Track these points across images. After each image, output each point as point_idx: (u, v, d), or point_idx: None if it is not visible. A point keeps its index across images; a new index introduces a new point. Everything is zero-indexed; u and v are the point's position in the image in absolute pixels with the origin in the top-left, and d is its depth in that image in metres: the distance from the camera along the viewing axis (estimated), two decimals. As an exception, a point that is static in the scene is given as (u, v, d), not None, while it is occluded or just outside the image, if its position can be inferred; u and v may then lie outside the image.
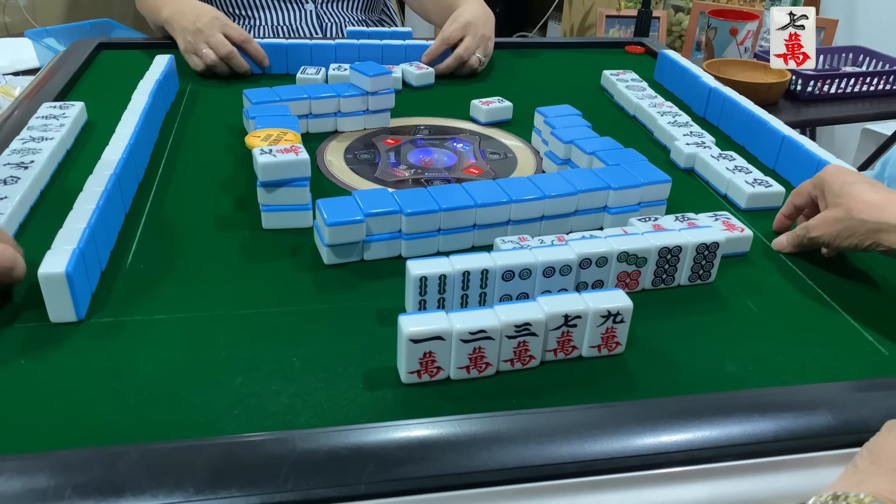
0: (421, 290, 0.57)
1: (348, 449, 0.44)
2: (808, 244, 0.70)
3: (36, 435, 0.47)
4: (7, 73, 1.53)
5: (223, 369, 0.53)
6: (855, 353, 0.59)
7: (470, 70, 1.16)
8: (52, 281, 0.55)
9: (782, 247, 0.72)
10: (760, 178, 0.82)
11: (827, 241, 0.66)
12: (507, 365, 0.54)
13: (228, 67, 1.10)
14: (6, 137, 0.82)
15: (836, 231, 0.64)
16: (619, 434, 0.46)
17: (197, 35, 1.09)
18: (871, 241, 0.62)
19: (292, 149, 0.71)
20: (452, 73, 1.16)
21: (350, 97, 0.93)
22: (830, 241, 0.65)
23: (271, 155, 0.69)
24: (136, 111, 0.85)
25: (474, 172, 0.86)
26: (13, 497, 0.40)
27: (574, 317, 0.54)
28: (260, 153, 0.70)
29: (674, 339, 0.60)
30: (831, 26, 1.72)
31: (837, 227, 0.64)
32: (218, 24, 1.09)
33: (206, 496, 0.41)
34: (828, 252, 0.71)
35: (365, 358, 0.55)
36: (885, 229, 0.60)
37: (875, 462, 0.42)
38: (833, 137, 2.37)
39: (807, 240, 0.69)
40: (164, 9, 1.17)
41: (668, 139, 0.94)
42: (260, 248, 0.70)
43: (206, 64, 1.09)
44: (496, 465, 0.44)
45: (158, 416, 0.49)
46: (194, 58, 1.10)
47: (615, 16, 1.92)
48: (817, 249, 0.71)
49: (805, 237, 0.69)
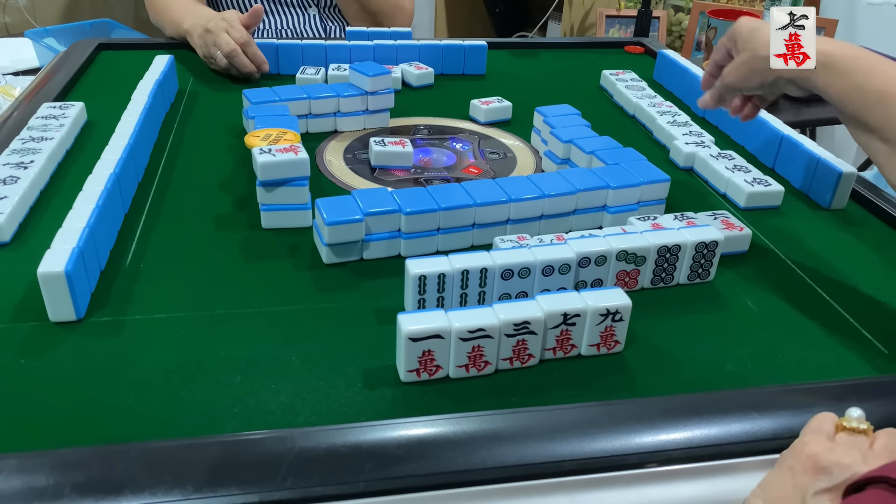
0: (420, 289, 0.57)
1: (347, 447, 0.44)
2: (724, 92, 0.72)
3: (35, 434, 0.47)
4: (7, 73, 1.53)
5: (222, 368, 0.53)
6: (854, 353, 0.59)
7: None
8: (51, 280, 0.55)
9: (706, 104, 0.75)
10: (759, 178, 0.82)
11: (738, 85, 0.69)
12: (507, 363, 0.54)
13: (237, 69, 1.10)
14: (6, 137, 0.83)
15: (743, 73, 0.68)
16: (618, 432, 0.46)
17: (206, 36, 1.10)
18: (773, 76, 0.65)
19: (292, 148, 0.71)
20: None
21: (350, 97, 0.93)
22: (741, 83, 0.69)
23: (271, 154, 0.69)
24: (135, 111, 0.85)
25: (474, 172, 0.86)
26: (13, 495, 0.40)
27: (573, 315, 0.54)
28: (259, 153, 0.70)
29: (673, 337, 0.60)
30: (831, 26, 1.72)
31: (744, 69, 0.68)
32: (224, 25, 1.10)
33: (206, 494, 0.41)
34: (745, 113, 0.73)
35: (364, 357, 0.55)
36: None
37: (768, 501, 0.42)
38: (833, 137, 2.37)
39: (723, 88, 0.71)
40: (186, 20, 1.18)
41: (667, 138, 0.94)
42: (259, 247, 0.70)
43: (221, 66, 1.10)
44: (495, 463, 0.44)
45: (158, 414, 0.49)
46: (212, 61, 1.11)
47: (615, 16, 1.92)
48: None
49: (721, 86, 0.71)
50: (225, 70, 1.11)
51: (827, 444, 0.42)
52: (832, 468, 0.40)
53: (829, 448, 0.41)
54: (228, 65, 1.09)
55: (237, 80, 1.11)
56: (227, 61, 1.09)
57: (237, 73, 1.10)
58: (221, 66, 1.10)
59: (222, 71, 1.11)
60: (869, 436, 0.43)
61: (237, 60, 1.09)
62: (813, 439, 0.42)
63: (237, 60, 1.09)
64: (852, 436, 0.43)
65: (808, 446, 0.42)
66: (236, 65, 1.09)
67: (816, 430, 0.44)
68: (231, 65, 1.09)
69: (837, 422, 0.44)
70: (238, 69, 1.09)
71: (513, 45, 1.34)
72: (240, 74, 1.10)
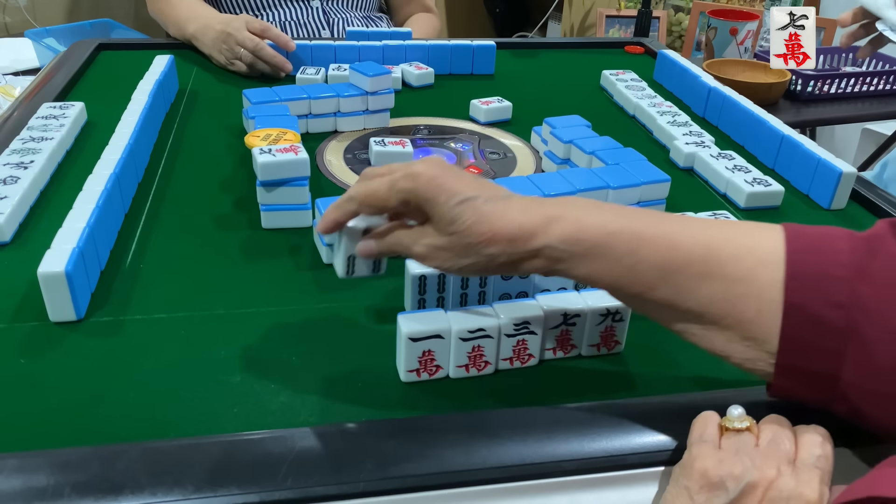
0: (420, 289, 0.57)
1: (347, 447, 0.44)
2: None
3: (35, 433, 0.47)
4: (7, 73, 1.53)
5: (222, 368, 0.53)
6: (854, 352, 0.59)
7: None
8: (51, 280, 0.55)
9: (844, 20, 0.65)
10: (760, 178, 0.82)
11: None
12: (507, 363, 0.54)
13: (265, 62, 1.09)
14: (6, 137, 0.83)
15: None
16: (618, 432, 0.46)
17: (228, 39, 1.10)
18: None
19: (292, 148, 0.71)
20: None
21: (350, 97, 0.93)
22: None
23: (271, 154, 0.69)
24: (135, 111, 0.85)
25: (474, 172, 0.86)
26: (13, 495, 0.40)
27: (573, 315, 0.54)
28: (259, 153, 0.70)
29: (673, 337, 0.59)
30: (831, 26, 1.72)
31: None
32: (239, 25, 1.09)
33: (206, 494, 0.41)
34: None
35: (364, 356, 0.55)
36: None
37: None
38: (833, 137, 2.37)
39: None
40: (190, 24, 1.17)
41: (667, 139, 0.94)
42: (259, 247, 0.70)
43: (246, 63, 1.09)
44: (495, 463, 0.44)
45: (158, 414, 0.49)
46: (237, 62, 1.11)
47: (615, 16, 1.92)
48: None
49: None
50: (248, 72, 1.10)
51: (715, 455, 0.41)
52: (726, 482, 0.40)
53: (719, 460, 0.40)
54: (252, 62, 1.09)
55: (237, 80, 1.11)
56: (252, 58, 1.08)
57: (263, 71, 1.10)
58: (247, 61, 1.09)
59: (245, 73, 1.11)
60: (753, 432, 0.43)
61: (263, 53, 1.08)
62: (700, 452, 0.42)
63: (263, 53, 1.08)
64: (738, 436, 0.43)
65: (697, 462, 0.41)
66: (263, 57, 1.08)
67: (701, 438, 0.43)
68: (258, 59, 1.09)
69: (720, 423, 0.44)
70: (266, 61, 1.09)
71: (513, 45, 1.34)
72: (267, 71, 1.10)
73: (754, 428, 0.43)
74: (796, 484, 0.39)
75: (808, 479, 0.40)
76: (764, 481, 0.40)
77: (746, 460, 0.40)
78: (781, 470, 0.40)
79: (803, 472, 0.40)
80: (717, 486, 0.40)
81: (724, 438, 0.43)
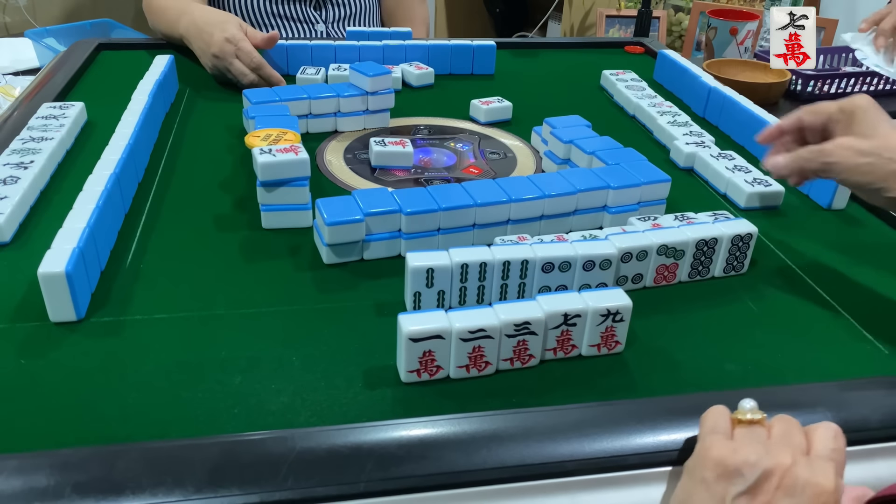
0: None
1: (348, 447, 0.44)
2: (816, 169, 0.62)
3: (35, 434, 0.47)
4: (7, 73, 1.52)
5: (223, 368, 0.53)
6: (854, 353, 0.59)
7: None
8: (51, 280, 0.55)
9: (779, 167, 0.64)
10: (760, 178, 0.82)
11: (841, 171, 0.60)
12: (507, 364, 0.54)
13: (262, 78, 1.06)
14: (6, 137, 0.83)
15: (857, 163, 0.58)
16: (619, 432, 0.46)
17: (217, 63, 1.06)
18: (885, 184, 0.57)
19: (292, 148, 0.71)
20: None
21: (350, 97, 0.93)
22: (846, 171, 0.59)
23: (271, 154, 0.69)
24: (135, 111, 0.85)
25: (474, 172, 0.86)
26: (13, 495, 0.40)
27: (573, 316, 0.54)
28: (260, 153, 0.70)
29: (673, 337, 0.60)
30: (831, 26, 1.72)
31: (860, 159, 0.58)
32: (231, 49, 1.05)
33: (206, 495, 0.41)
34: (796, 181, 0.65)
35: (364, 357, 0.55)
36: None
37: None
38: (833, 137, 2.36)
39: (819, 164, 0.61)
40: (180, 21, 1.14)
41: (667, 139, 0.94)
42: (260, 247, 0.70)
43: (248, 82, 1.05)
44: (496, 464, 0.44)
45: (158, 414, 0.49)
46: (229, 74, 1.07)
47: (615, 16, 1.92)
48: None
49: (817, 160, 0.61)
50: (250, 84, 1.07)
51: (729, 444, 0.41)
52: (742, 469, 0.40)
53: (733, 449, 0.41)
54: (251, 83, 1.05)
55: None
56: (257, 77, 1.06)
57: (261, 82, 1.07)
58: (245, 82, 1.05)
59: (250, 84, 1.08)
60: (764, 425, 0.43)
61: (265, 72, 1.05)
62: (714, 443, 0.42)
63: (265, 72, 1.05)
64: (750, 428, 0.43)
65: (712, 451, 0.41)
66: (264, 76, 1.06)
67: (714, 430, 0.43)
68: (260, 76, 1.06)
69: (732, 416, 0.44)
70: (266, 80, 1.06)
71: (513, 45, 1.34)
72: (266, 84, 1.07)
73: (765, 422, 0.43)
74: (812, 473, 0.39)
75: (823, 468, 0.40)
76: (780, 469, 0.39)
77: (760, 447, 0.40)
78: (796, 459, 0.40)
79: (818, 462, 0.40)
80: (733, 473, 0.40)
81: (737, 430, 0.43)
